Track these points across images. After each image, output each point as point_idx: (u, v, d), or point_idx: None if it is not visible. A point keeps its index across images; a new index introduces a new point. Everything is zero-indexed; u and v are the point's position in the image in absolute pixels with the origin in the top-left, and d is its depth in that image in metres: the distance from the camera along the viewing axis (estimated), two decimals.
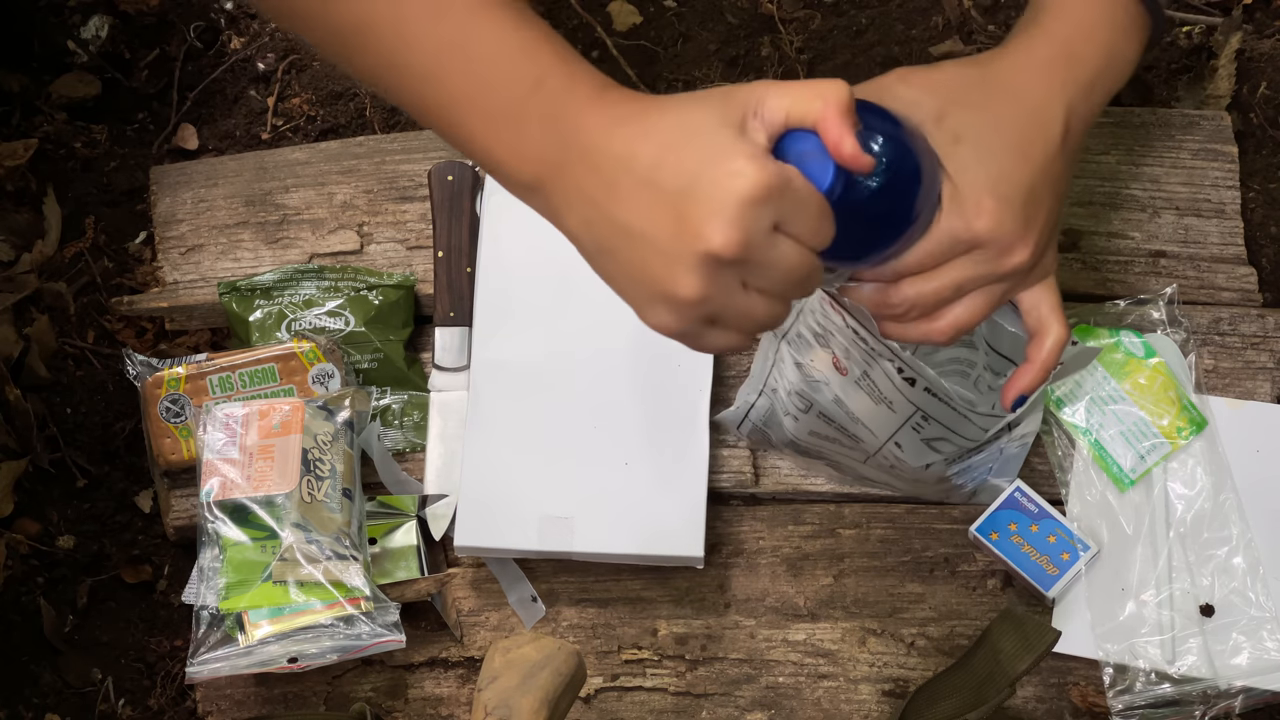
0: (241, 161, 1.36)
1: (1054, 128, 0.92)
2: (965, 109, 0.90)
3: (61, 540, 1.27)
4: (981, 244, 0.89)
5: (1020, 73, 0.93)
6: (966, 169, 0.88)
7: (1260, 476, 1.21)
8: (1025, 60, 0.94)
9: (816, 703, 1.19)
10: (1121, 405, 1.22)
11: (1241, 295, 1.28)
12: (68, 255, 1.36)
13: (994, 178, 0.89)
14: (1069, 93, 0.93)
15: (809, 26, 1.43)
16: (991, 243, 0.89)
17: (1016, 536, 1.18)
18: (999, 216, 0.88)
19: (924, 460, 1.16)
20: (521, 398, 1.21)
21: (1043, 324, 0.95)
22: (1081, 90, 0.94)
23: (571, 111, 0.82)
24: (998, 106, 0.91)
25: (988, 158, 0.89)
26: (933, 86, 0.91)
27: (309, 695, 1.20)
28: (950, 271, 0.90)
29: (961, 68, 0.94)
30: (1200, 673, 1.16)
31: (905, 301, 0.91)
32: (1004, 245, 0.89)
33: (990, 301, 0.92)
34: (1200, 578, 1.18)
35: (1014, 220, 0.89)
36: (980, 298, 0.92)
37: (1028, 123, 0.91)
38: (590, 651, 1.20)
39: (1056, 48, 0.94)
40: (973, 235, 0.88)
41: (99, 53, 1.44)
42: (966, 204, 0.88)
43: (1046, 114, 0.92)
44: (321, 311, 1.28)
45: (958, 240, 0.88)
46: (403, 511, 1.22)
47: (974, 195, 0.88)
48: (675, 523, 1.18)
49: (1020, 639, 1.09)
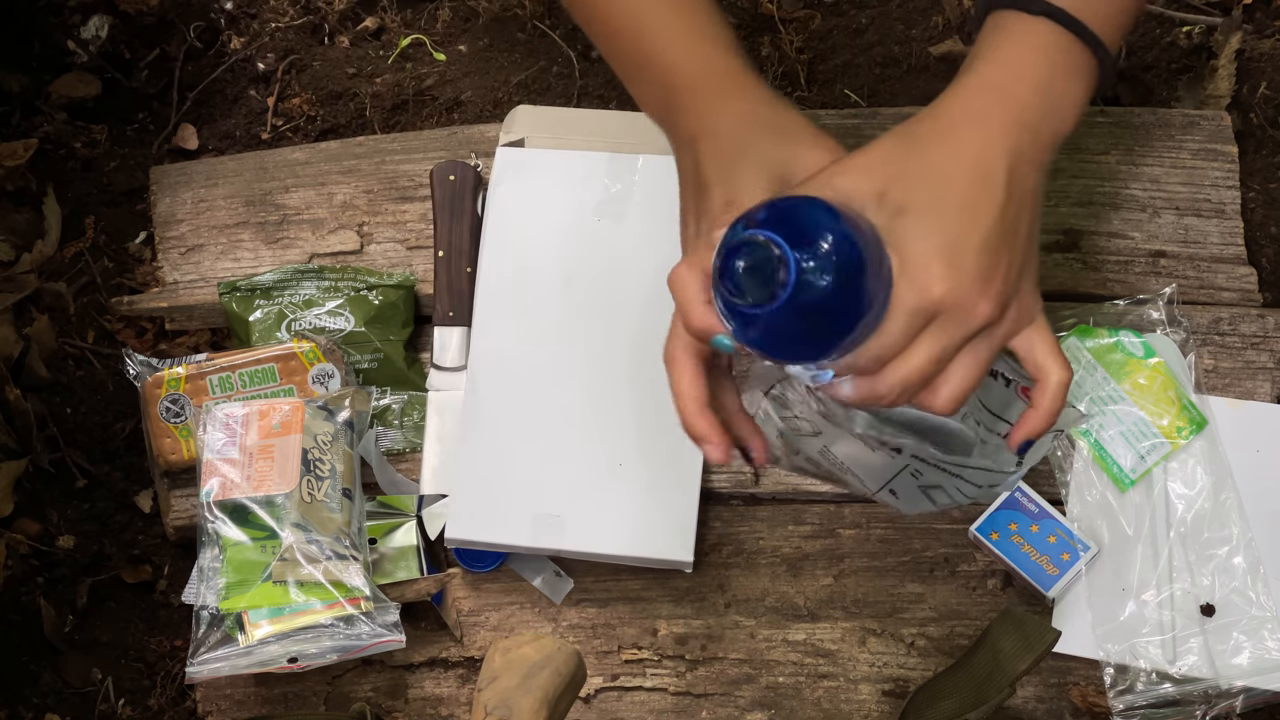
0: (241, 161, 1.36)
1: (996, 177, 0.90)
2: (902, 181, 0.89)
3: (61, 540, 1.27)
4: (942, 309, 0.88)
5: (954, 127, 0.91)
6: (912, 239, 0.87)
7: (1260, 476, 1.21)
8: (958, 113, 0.92)
9: (816, 703, 1.19)
10: (1121, 405, 1.22)
11: (1241, 295, 1.28)
12: (68, 255, 1.36)
13: (941, 242, 0.87)
14: (1009, 137, 0.91)
15: (809, 26, 1.43)
16: (952, 306, 0.87)
17: (1017, 536, 1.18)
18: (952, 279, 0.87)
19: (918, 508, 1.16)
20: (519, 395, 1.22)
21: (1041, 369, 0.94)
22: (1023, 132, 0.91)
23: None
24: (935, 168, 0.89)
25: (932, 223, 0.88)
26: (867, 168, 0.90)
27: (309, 695, 1.20)
28: (924, 345, 0.89)
29: (895, 139, 0.92)
30: (1201, 672, 1.16)
31: (894, 388, 0.90)
32: (965, 305, 0.88)
33: (978, 361, 0.91)
34: (1201, 577, 1.18)
35: (969, 278, 0.88)
36: (967, 360, 0.91)
37: (967, 177, 0.89)
38: (590, 651, 1.20)
39: (990, 94, 0.92)
40: (932, 303, 0.87)
41: (99, 53, 1.44)
42: (918, 274, 0.87)
43: (986, 164, 0.90)
44: (321, 311, 1.28)
45: (919, 310, 0.87)
46: (402, 512, 1.22)
47: (923, 263, 0.87)
48: (666, 526, 1.18)
49: (1020, 639, 1.09)
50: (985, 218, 0.89)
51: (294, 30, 1.46)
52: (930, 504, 1.14)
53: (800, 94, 1.40)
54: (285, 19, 1.46)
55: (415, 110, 1.41)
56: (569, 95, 1.40)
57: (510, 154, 1.28)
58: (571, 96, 1.40)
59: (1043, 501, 1.19)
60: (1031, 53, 0.93)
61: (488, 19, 1.45)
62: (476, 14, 1.45)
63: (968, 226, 0.88)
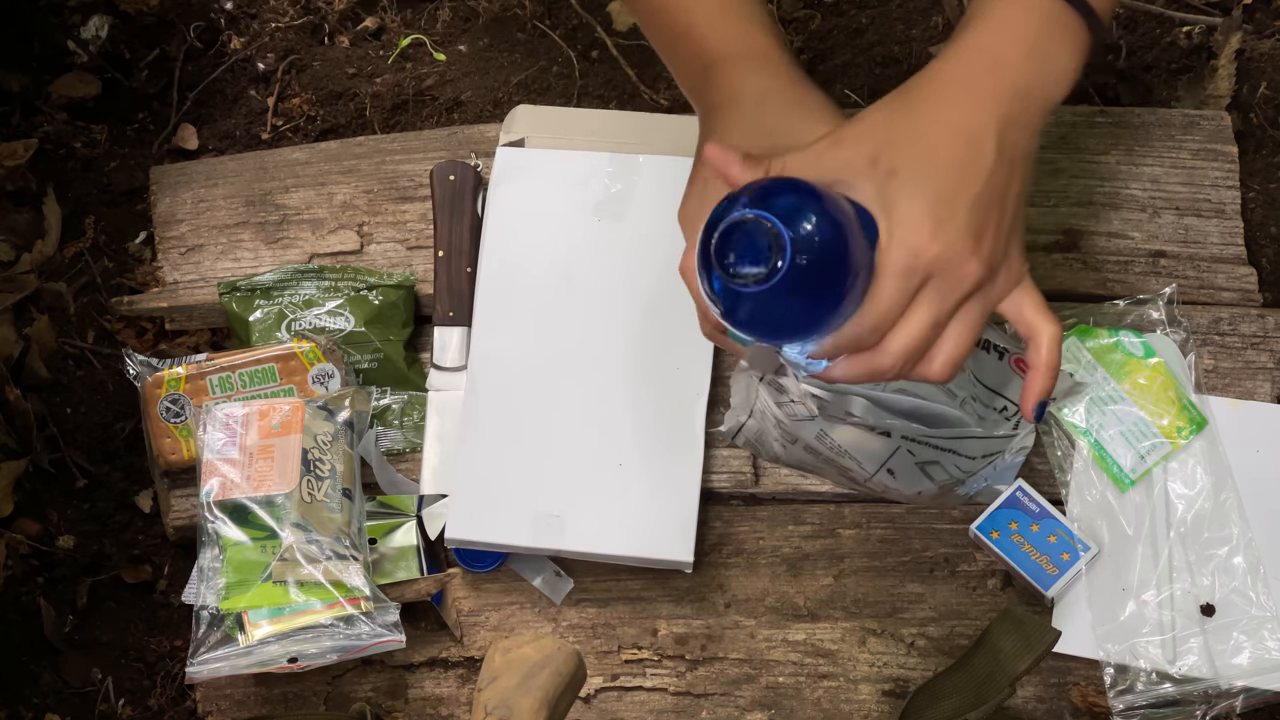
0: (241, 161, 1.36)
1: (986, 138, 0.91)
2: (893, 145, 0.90)
3: (61, 540, 1.27)
4: (933, 270, 0.89)
5: (942, 91, 0.93)
6: (902, 200, 0.89)
7: (1260, 476, 1.21)
8: (948, 76, 0.93)
9: (816, 703, 1.19)
10: (1121, 405, 1.22)
11: (1241, 295, 1.28)
12: (68, 255, 1.36)
13: (930, 202, 0.89)
14: (999, 101, 0.92)
15: (809, 26, 1.43)
16: (943, 265, 0.89)
17: (1017, 536, 1.18)
18: (942, 238, 0.89)
19: (917, 488, 1.16)
20: (518, 395, 1.21)
21: (1031, 327, 0.95)
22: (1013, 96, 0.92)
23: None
24: (924, 131, 0.91)
25: (922, 184, 0.89)
26: (859, 137, 0.91)
27: (309, 695, 1.20)
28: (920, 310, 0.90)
29: (886, 105, 0.93)
30: (1201, 672, 1.16)
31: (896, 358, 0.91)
32: (955, 264, 0.89)
33: (971, 324, 0.92)
34: (1201, 577, 1.18)
35: (958, 237, 0.89)
36: (960, 325, 0.92)
37: (955, 139, 0.91)
38: (590, 651, 1.20)
39: (979, 59, 0.93)
40: (923, 262, 0.89)
41: (99, 53, 1.44)
42: (908, 235, 0.88)
43: (974, 125, 0.91)
44: (321, 311, 1.28)
45: (911, 270, 0.89)
46: (402, 512, 1.22)
47: (913, 224, 0.88)
48: (666, 526, 1.18)
49: (1020, 639, 1.09)
50: (974, 179, 0.90)
51: (294, 30, 1.46)
52: (929, 481, 1.14)
53: None
54: (285, 19, 1.46)
55: (415, 110, 1.41)
56: (569, 95, 1.40)
57: (510, 154, 1.28)
58: (571, 96, 1.40)
59: (1043, 501, 1.19)
60: (1022, 15, 0.94)
61: (488, 19, 1.45)
62: (476, 14, 1.45)
63: (957, 187, 0.90)
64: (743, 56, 1.02)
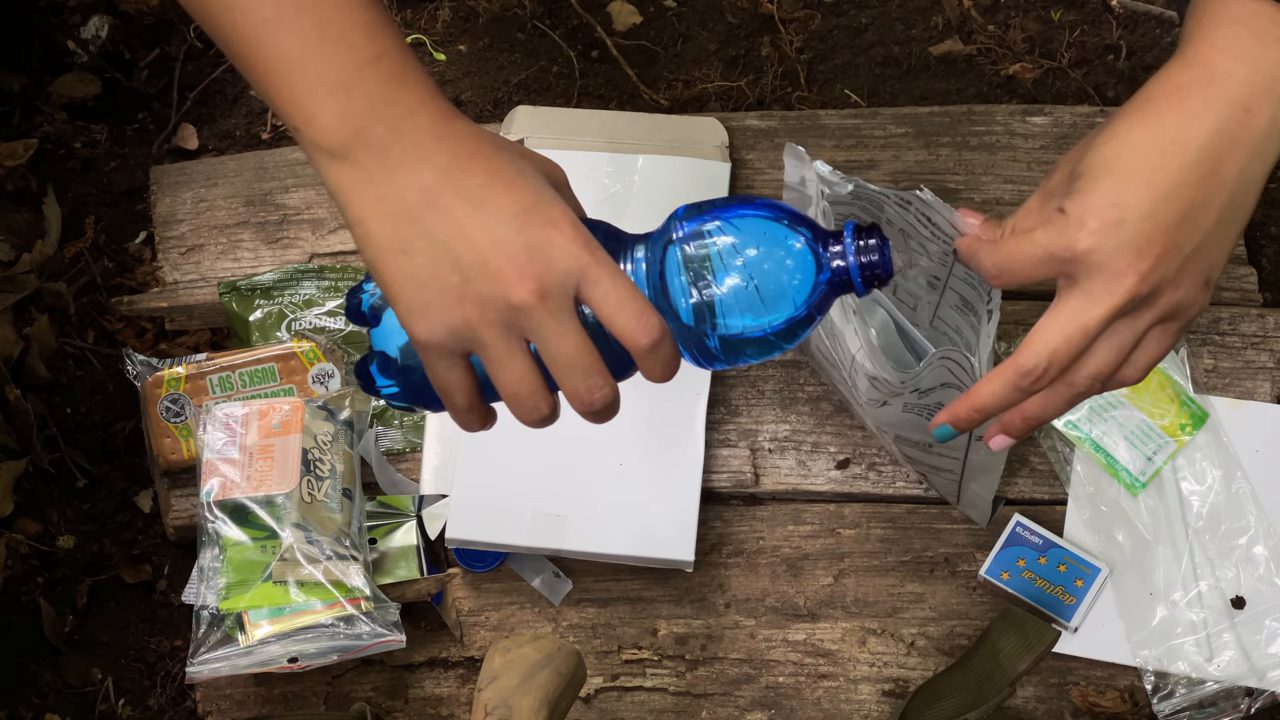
0: (241, 161, 1.37)
1: (1188, 151, 0.84)
2: (1087, 150, 0.86)
3: (61, 540, 1.27)
4: (1080, 265, 0.83)
5: (1151, 101, 0.86)
6: (1075, 196, 0.84)
7: (1260, 476, 1.21)
8: (1157, 89, 0.86)
9: (816, 703, 1.19)
10: (1122, 410, 1.22)
11: (1241, 295, 1.28)
12: (68, 255, 1.36)
13: (1107, 201, 0.83)
14: (1214, 112, 0.84)
15: (809, 26, 1.43)
16: (1092, 266, 0.83)
17: (1027, 572, 1.18)
18: (1101, 236, 0.82)
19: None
20: None
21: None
22: (1232, 110, 0.84)
23: (407, 90, 0.83)
24: (1120, 135, 0.85)
25: (1105, 183, 0.84)
26: (1067, 158, 0.87)
27: (309, 695, 1.20)
28: (1064, 313, 0.84)
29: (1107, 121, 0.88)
30: (1239, 666, 1.16)
31: (1039, 360, 0.85)
32: (1109, 270, 0.83)
33: (1118, 348, 0.86)
34: (1224, 570, 1.19)
35: (1119, 242, 0.83)
36: (1107, 345, 0.86)
37: (1154, 147, 0.84)
38: (590, 651, 1.20)
39: (1195, 70, 0.86)
40: (1071, 254, 0.83)
41: (99, 53, 1.44)
42: (1066, 226, 0.83)
43: (1179, 135, 0.84)
44: (321, 311, 1.28)
45: (1054, 257, 0.84)
46: (402, 511, 1.22)
47: (1079, 216, 0.83)
48: (667, 525, 1.18)
49: (1020, 639, 1.09)
50: (1162, 191, 0.83)
51: None
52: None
53: (800, 94, 1.40)
54: None
55: None
56: (569, 95, 1.40)
57: None
58: (571, 96, 1.40)
59: (1044, 531, 1.19)
60: (1235, 25, 0.86)
61: (488, 19, 1.45)
62: (476, 14, 1.45)
63: (1141, 195, 0.83)
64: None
